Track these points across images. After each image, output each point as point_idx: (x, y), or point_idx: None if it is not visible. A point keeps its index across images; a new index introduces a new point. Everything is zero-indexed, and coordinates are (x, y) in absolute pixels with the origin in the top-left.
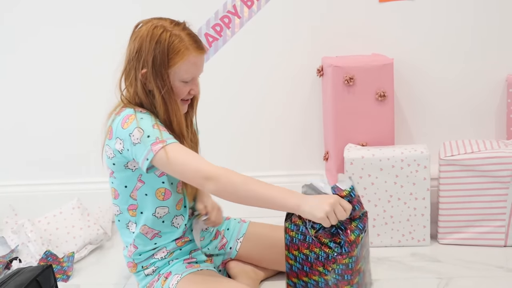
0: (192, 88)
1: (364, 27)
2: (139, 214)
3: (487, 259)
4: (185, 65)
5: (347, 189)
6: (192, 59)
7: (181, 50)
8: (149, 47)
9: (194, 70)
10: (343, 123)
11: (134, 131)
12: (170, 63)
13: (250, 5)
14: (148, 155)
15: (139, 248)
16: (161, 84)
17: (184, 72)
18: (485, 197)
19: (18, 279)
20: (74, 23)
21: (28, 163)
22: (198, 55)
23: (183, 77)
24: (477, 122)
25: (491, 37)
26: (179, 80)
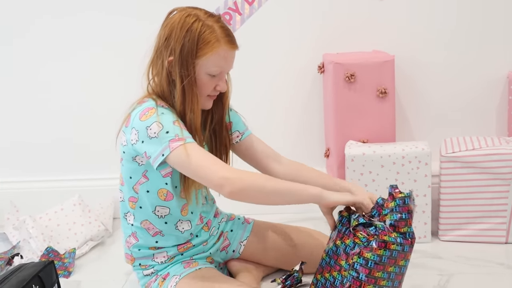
0: (218, 83)
1: (365, 24)
2: (137, 208)
3: (488, 256)
4: (214, 57)
5: (405, 193)
6: (222, 52)
7: (211, 41)
8: (179, 34)
9: (223, 64)
10: (344, 120)
11: (152, 125)
12: (198, 54)
13: (251, 2)
14: (165, 151)
15: (140, 242)
16: (184, 74)
17: (211, 65)
18: (486, 194)
19: (20, 274)
20: (79, 13)
21: (30, 160)
22: (228, 50)
23: (210, 69)
24: (478, 119)
25: (493, 34)
26: (206, 73)
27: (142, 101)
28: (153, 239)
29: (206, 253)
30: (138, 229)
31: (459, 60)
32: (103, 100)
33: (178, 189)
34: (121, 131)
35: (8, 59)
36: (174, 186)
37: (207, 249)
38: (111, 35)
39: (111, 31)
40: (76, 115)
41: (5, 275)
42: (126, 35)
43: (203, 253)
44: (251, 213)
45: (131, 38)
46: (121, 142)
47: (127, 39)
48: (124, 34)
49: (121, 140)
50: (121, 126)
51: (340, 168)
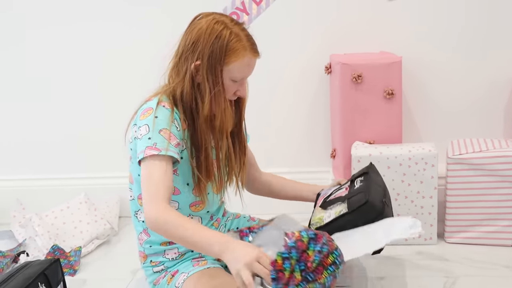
0: (239, 89)
1: (373, 25)
2: None
3: (494, 259)
4: (240, 65)
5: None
6: (247, 60)
7: (238, 50)
8: (208, 40)
9: (246, 70)
10: (350, 121)
11: (143, 126)
12: (226, 60)
13: (259, 2)
14: (140, 155)
15: (151, 238)
16: (213, 80)
17: (236, 71)
18: (492, 196)
19: (26, 272)
20: (87, 20)
21: (36, 158)
22: (253, 57)
23: (235, 76)
24: (485, 120)
25: (500, 36)
26: (230, 79)
27: (149, 99)
28: None
29: None
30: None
31: (466, 61)
32: (111, 99)
33: (190, 186)
34: (129, 128)
35: (17, 59)
36: (186, 183)
37: None
38: (122, 35)
39: (122, 30)
40: (83, 113)
41: (11, 272)
42: (137, 35)
43: None
44: (256, 213)
45: (142, 38)
46: (128, 139)
47: (139, 39)
48: (135, 34)
49: (128, 136)
50: (129, 123)
51: (346, 168)
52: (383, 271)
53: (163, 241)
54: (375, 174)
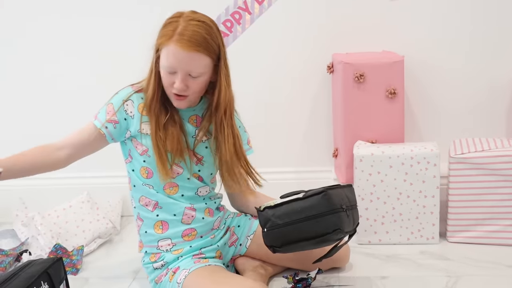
0: (174, 81)
1: (375, 24)
2: (132, 188)
3: (497, 258)
4: (165, 52)
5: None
6: (171, 49)
7: (166, 37)
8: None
9: (173, 61)
10: (353, 120)
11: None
12: (158, 46)
13: (261, 1)
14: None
15: (145, 222)
16: (152, 61)
17: (164, 59)
18: (495, 195)
19: (29, 271)
20: (86, 17)
21: None
22: (178, 48)
23: (163, 63)
24: (487, 120)
25: (503, 35)
26: (162, 66)
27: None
28: (154, 213)
29: (214, 246)
30: (140, 209)
31: (468, 61)
32: None
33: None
34: None
35: (18, 57)
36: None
37: (215, 242)
38: (124, 34)
39: (123, 30)
40: (86, 112)
41: (14, 271)
42: (140, 35)
43: (211, 246)
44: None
45: (145, 39)
46: None
47: (141, 40)
48: (138, 34)
49: None
50: None
51: (349, 168)
52: (385, 270)
53: (156, 221)
54: (348, 191)
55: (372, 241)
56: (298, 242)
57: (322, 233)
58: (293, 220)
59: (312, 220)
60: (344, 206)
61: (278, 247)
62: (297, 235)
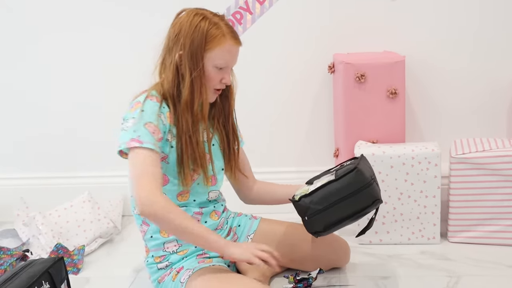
0: (224, 76)
1: (376, 24)
2: None
3: (497, 258)
4: (220, 51)
5: None
6: (228, 46)
7: (218, 36)
8: (188, 30)
9: (228, 57)
10: (354, 120)
11: (130, 120)
12: (207, 47)
13: (262, 1)
14: (122, 145)
15: (151, 226)
16: (193, 67)
17: (218, 58)
18: (496, 195)
19: (31, 270)
20: (89, 26)
21: (40, 156)
22: (233, 44)
23: (217, 62)
24: (488, 120)
25: (504, 36)
26: (213, 66)
27: (138, 95)
28: None
29: None
30: None
31: (470, 61)
32: (114, 97)
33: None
34: None
35: (19, 58)
36: (176, 172)
37: None
38: (124, 32)
39: (126, 30)
40: (87, 112)
41: (15, 270)
42: (139, 36)
43: None
44: (257, 212)
45: (145, 39)
46: None
47: (141, 40)
48: (137, 35)
49: None
50: None
51: None
52: (386, 270)
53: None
54: (366, 162)
55: (373, 241)
56: (341, 222)
57: (362, 207)
58: (333, 202)
59: (350, 198)
60: (374, 177)
61: (321, 231)
62: (339, 215)
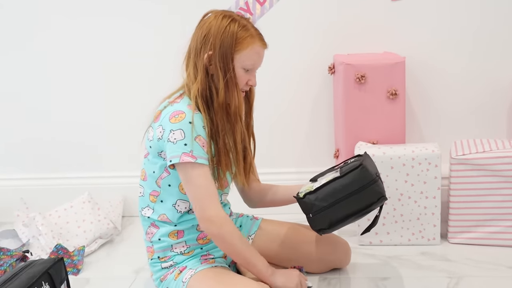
0: (250, 78)
1: (376, 25)
2: (158, 202)
3: (498, 259)
4: (249, 52)
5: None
6: (256, 48)
7: (247, 38)
8: (217, 31)
9: (256, 59)
10: (354, 121)
11: (177, 131)
12: (237, 48)
13: (263, 2)
14: (174, 159)
15: (161, 229)
16: (226, 68)
17: (247, 59)
18: (496, 196)
19: (30, 271)
20: (101, 18)
21: (40, 157)
22: (261, 46)
23: (246, 63)
24: (488, 121)
25: (504, 37)
26: (241, 67)
27: (174, 101)
28: (172, 224)
29: None
30: (156, 221)
31: (470, 62)
32: (115, 99)
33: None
34: (150, 127)
35: (20, 58)
36: None
37: None
38: (127, 35)
39: (128, 30)
40: (87, 113)
41: (15, 271)
42: (143, 35)
43: None
44: (258, 213)
45: (148, 39)
46: (148, 137)
47: (145, 41)
48: (141, 35)
49: (149, 135)
50: (151, 121)
51: None
52: (386, 271)
53: (172, 230)
54: (369, 159)
55: (373, 242)
56: (346, 218)
57: (367, 204)
58: (338, 199)
59: (356, 194)
60: (378, 173)
61: (326, 228)
62: (344, 212)
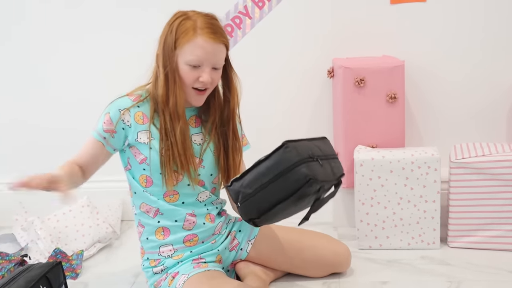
0: (201, 75)
1: (375, 29)
2: (133, 194)
3: (498, 264)
4: (191, 46)
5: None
6: (200, 42)
7: (189, 32)
8: (165, 28)
9: (200, 53)
10: (353, 125)
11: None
12: (177, 43)
13: (261, 6)
14: (92, 132)
15: (146, 228)
16: (165, 63)
17: (189, 54)
18: (495, 200)
19: (28, 275)
20: (97, 30)
21: (38, 161)
22: (207, 40)
23: (188, 59)
24: (488, 124)
25: (502, 39)
26: (185, 63)
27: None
28: (155, 220)
29: (215, 250)
30: (141, 216)
31: (469, 66)
32: None
33: (163, 176)
34: None
35: (22, 61)
36: (158, 173)
37: (215, 247)
38: (129, 39)
39: (129, 34)
40: (87, 117)
41: (13, 275)
42: (141, 40)
43: (212, 250)
44: None
45: (146, 43)
46: None
47: (143, 45)
48: (139, 40)
49: None
50: None
51: (349, 173)
52: (386, 275)
53: (157, 227)
54: (323, 143)
55: (373, 246)
56: (275, 206)
57: (294, 188)
58: (263, 184)
59: (280, 177)
60: (315, 156)
61: (256, 218)
62: (271, 198)
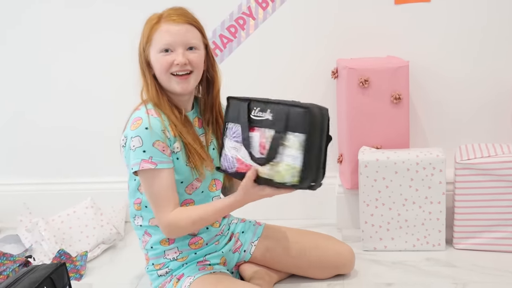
0: (174, 58)
1: (380, 29)
2: (143, 208)
3: (503, 265)
4: (158, 35)
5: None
6: (164, 28)
7: (154, 24)
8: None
9: (168, 37)
10: (357, 126)
11: (135, 138)
12: (147, 39)
13: (265, 6)
14: (135, 167)
15: (152, 237)
16: (144, 64)
17: (157, 43)
18: (501, 201)
19: (33, 276)
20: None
21: (43, 162)
22: (171, 23)
23: (158, 47)
24: (493, 125)
25: (508, 40)
26: (157, 52)
27: (137, 108)
28: None
29: (219, 252)
30: (148, 228)
31: (474, 66)
32: (117, 104)
33: (184, 183)
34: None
35: (23, 62)
36: (180, 181)
37: (219, 248)
38: (129, 40)
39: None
40: (90, 118)
41: (17, 276)
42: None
43: (216, 252)
44: (261, 218)
45: None
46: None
47: None
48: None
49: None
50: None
51: (354, 174)
52: (390, 277)
53: (162, 238)
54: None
55: (378, 247)
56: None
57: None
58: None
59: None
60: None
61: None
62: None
